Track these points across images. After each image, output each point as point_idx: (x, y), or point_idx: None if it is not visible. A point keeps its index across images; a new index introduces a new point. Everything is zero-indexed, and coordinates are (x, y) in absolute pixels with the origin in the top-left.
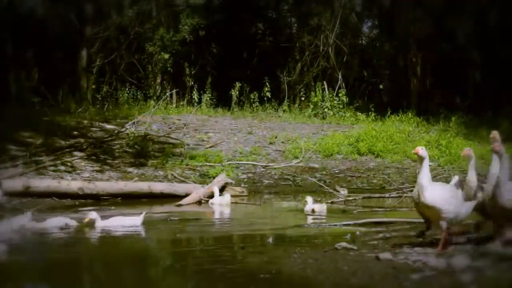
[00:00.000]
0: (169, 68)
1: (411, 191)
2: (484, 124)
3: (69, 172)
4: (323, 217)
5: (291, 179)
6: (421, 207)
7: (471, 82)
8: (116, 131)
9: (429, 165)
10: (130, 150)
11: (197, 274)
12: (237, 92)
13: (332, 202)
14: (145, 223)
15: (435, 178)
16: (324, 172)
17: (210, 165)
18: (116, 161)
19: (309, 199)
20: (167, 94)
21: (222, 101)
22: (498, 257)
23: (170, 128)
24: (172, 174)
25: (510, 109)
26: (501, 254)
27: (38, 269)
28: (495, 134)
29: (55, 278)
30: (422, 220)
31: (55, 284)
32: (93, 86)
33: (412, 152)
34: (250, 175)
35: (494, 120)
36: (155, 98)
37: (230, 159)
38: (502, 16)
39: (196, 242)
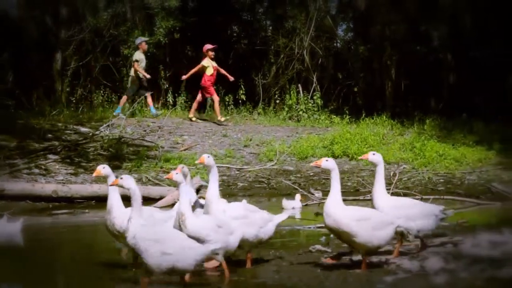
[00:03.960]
0: None
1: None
2: (458, 127)
3: (43, 175)
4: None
5: (266, 182)
6: None
7: (445, 85)
8: (90, 134)
9: (404, 167)
10: (104, 153)
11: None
12: None
13: (306, 205)
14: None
15: (409, 180)
16: (298, 175)
17: None
18: (91, 164)
19: (297, 196)
20: (141, 97)
21: (152, 99)
22: (472, 259)
23: (145, 131)
24: (147, 177)
25: (484, 112)
26: (474, 256)
27: None
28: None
29: None
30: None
31: None
32: (68, 89)
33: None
34: (224, 177)
35: (468, 123)
36: (129, 101)
37: None
38: (476, 19)
39: None
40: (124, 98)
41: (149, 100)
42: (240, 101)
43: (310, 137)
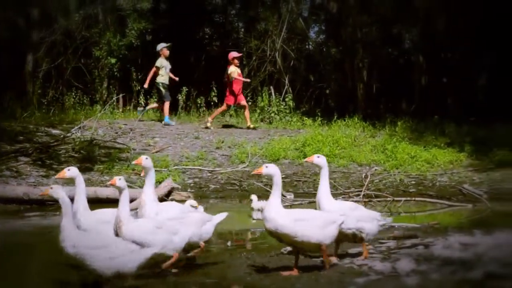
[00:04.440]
0: (115, 73)
1: (357, 195)
2: (430, 129)
3: (15, 177)
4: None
5: (238, 184)
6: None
7: (417, 87)
8: (62, 136)
9: (375, 169)
10: (76, 155)
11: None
12: (184, 97)
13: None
14: None
15: (381, 182)
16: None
17: (156, 170)
18: (62, 166)
19: (254, 197)
20: (113, 99)
21: (169, 106)
22: (443, 260)
23: (117, 133)
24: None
25: (455, 114)
26: (446, 258)
27: None
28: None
29: None
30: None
31: None
32: (39, 91)
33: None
34: (196, 180)
35: (439, 125)
36: (101, 102)
37: (176, 164)
38: (447, 21)
39: None
40: (166, 104)
41: (166, 108)
42: (212, 103)
43: (282, 139)
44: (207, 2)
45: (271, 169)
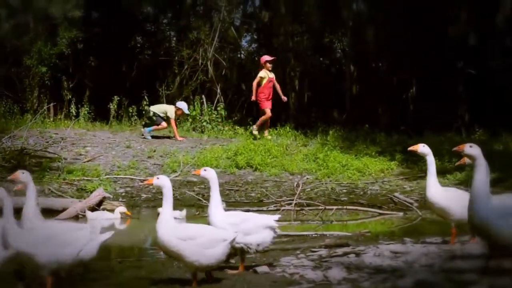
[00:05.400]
0: (46, 82)
1: (289, 204)
2: (361, 137)
3: None
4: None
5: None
6: None
7: (348, 96)
8: None
9: (307, 178)
10: (6, 164)
11: None
12: (116, 106)
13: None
14: None
15: (312, 191)
16: (202, 186)
17: (87, 180)
18: None
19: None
20: (44, 107)
21: (100, 115)
22: (374, 269)
23: (48, 142)
24: (49, 189)
25: (386, 123)
26: (377, 266)
27: None
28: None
29: None
30: (300, 233)
31: None
32: None
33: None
34: (128, 189)
35: (370, 133)
36: (32, 112)
37: (107, 173)
38: (377, 31)
39: None
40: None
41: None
42: (143, 112)
43: (214, 148)
44: (138, 11)
45: (161, 181)
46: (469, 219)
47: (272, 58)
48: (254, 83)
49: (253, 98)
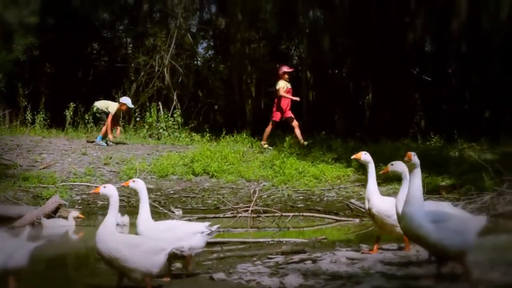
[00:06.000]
0: (2, 88)
1: (246, 211)
2: (317, 144)
3: None
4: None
5: (126, 200)
6: None
7: (304, 103)
8: None
9: (263, 185)
10: None
11: None
12: (72, 113)
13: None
14: None
15: (269, 198)
16: (159, 193)
17: (43, 187)
18: None
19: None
20: None
21: (56, 122)
22: (330, 275)
23: (3, 149)
24: (5, 196)
25: (342, 129)
26: (333, 273)
27: None
28: None
29: None
30: (257, 240)
31: None
32: None
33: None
34: (84, 196)
35: (327, 140)
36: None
37: (64, 180)
38: (334, 37)
39: None
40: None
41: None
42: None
43: (171, 155)
44: (95, 17)
45: (107, 190)
46: (402, 223)
47: (291, 69)
48: (281, 93)
49: (297, 98)
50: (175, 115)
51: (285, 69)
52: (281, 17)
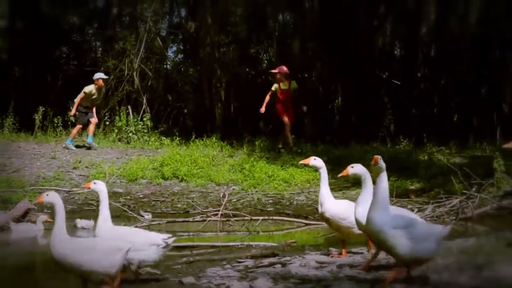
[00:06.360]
0: None
1: (215, 215)
2: (287, 148)
3: None
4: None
5: (95, 204)
6: None
7: (274, 107)
8: None
9: (233, 189)
10: None
11: None
12: (41, 117)
13: (136, 227)
14: None
15: (239, 202)
16: (128, 197)
17: (12, 191)
18: None
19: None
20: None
21: (25, 126)
22: (300, 279)
23: None
24: None
25: (312, 133)
26: (303, 276)
27: None
28: None
29: None
30: (226, 244)
31: None
32: None
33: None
34: None
35: (296, 144)
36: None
37: (32, 185)
38: (303, 42)
39: None
40: (78, 127)
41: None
42: (69, 123)
43: (140, 159)
44: (64, 21)
45: (50, 198)
46: (367, 226)
47: (274, 71)
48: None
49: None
50: (144, 119)
51: (273, 70)
52: (251, 21)
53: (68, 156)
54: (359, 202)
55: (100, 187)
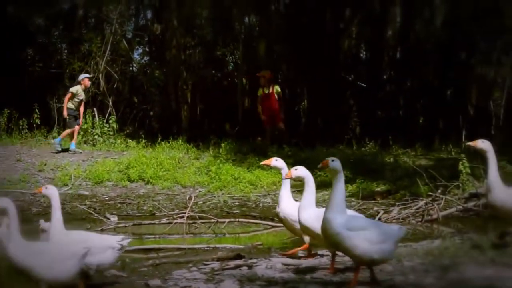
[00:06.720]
0: None
1: (181, 217)
2: (253, 150)
3: None
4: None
5: (61, 207)
6: None
7: (240, 109)
8: None
9: (199, 191)
10: None
11: None
12: (6, 119)
13: (102, 230)
14: None
15: (205, 204)
16: (94, 199)
17: None
18: None
19: (41, 221)
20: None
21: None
22: (266, 281)
23: None
24: None
25: (278, 135)
26: (269, 278)
27: None
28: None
29: None
30: (192, 246)
31: None
32: None
33: None
34: (19, 203)
35: (262, 146)
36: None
37: None
38: (269, 44)
39: None
40: (68, 130)
41: (65, 133)
42: (34, 125)
43: (106, 161)
44: (29, 22)
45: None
46: (321, 227)
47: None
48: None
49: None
50: (110, 121)
51: (257, 74)
52: (216, 23)
53: (34, 158)
54: (302, 206)
55: (51, 191)
